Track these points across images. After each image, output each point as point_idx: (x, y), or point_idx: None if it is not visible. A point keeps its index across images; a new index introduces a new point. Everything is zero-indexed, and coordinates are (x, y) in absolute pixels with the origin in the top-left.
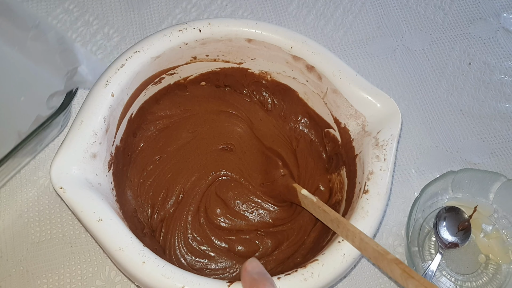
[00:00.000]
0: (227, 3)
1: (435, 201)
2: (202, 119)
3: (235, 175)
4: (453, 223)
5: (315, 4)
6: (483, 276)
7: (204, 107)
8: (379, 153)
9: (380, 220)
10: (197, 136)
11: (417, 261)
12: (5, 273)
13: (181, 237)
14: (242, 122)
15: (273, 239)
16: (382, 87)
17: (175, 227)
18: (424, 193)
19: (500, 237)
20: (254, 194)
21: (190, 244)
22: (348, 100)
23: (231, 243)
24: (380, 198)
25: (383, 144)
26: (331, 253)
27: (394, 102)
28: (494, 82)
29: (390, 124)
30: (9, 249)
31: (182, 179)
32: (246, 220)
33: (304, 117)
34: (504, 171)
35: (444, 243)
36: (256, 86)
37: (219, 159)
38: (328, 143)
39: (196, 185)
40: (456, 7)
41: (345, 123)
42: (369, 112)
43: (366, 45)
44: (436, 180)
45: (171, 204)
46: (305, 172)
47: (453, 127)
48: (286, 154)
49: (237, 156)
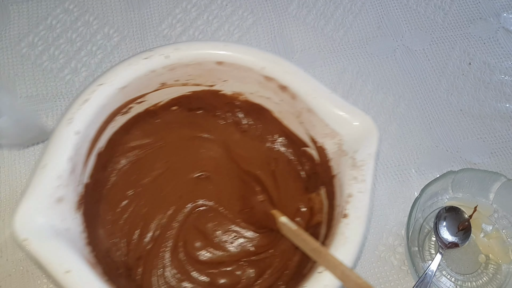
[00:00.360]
0: (227, 3)
1: (435, 201)
2: (175, 146)
3: (213, 204)
4: (453, 223)
5: (315, 4)
6: (483, 276)
7: (177, 134)
8: (357, 174)
9: (361, 245)
10: (171, 165)
11: (417, 261)
12: (5, 273)
13: (160, 275)
14: (217, 146)
15: (256, 268)
16: (382, 87)
17: (153, 265)
18: (424, 193)
19: (500, 237)
20: (233, 222)
21: (170, 282)
22: (323, 119)
23: (213, 277)
24: (360, 222)
25: (361, 164)
26: (312, 286)
27: (371, 120)
28: (494, 82)
29: (367, 142)
30: (9, 249)
31: (158, 213)
32: (227, 251)
33: (281, 136)
34: (504, 171)
35: (444, 243)
36: (230, 107)
37: (196, 189)
38: (306, 162)
39: (173, 218)
40: (456, 7)
41: (322, 142)
42: (345, 131)
43: (366, 45)
44: (436, 180)
45: (148, 240)
46: (285, 193)
47: (453, 127)
48: (264, 176)
49: (214, 184)
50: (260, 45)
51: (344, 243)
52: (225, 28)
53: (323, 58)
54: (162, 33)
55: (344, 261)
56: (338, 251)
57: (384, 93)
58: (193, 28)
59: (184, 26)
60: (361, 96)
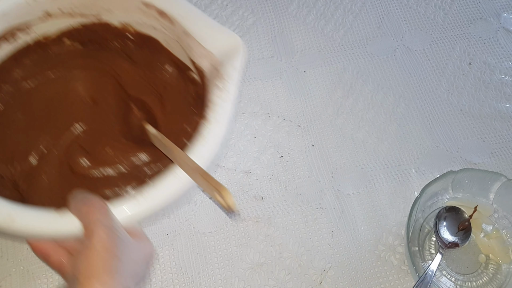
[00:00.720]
0: (227, 3)
1: (435, 201)
2: (65, 77)
3: (97, 126)
4: (453, 223)
5: (316, 4)
6: (483, 276)
7: (68, 65)
8: (220, 84)
9: (218, 146)
10: (59, 94)
11: (417, 261)
12: (5, 273)
13: (45, 189)
14: (107, 76)
15: (136, 181)
16: (382, 87)
17: (38, 181)
18: (424, 193)
19: (500, 237)
20: (116, 140)
21: (54, 197)
22: (198, 40)
23: (96, 191)
24: (220, 125)
25: (226, 76)
26: (165, 177)
27: (238, 38)
28: (494, 82)
29: (234, 57)
30: (9, 249)
31: (44, 133)
32: (112, 165)
33: (169, 64)
34: (504, 171)
35: (444, 243)
36: (120, 39)
37: (82, 113)
38: (191, 85)
39: (58, 137)
40: (457, 7)
41: (200, 63)
42: (216, 50)
43: (366, 45)
44: (436, 180)
45: (33, 158)
46: (173, 117)
47: (453, 127)
48: (152, 101)
49: (100, 108)
50: (261, 45)
51: (203, 144)
52: None
53: (323, 58)
54: None
55: (201, 161)
56: (195, 149)
57: (384, 93)
58: None
59: None
60: (361, 96)
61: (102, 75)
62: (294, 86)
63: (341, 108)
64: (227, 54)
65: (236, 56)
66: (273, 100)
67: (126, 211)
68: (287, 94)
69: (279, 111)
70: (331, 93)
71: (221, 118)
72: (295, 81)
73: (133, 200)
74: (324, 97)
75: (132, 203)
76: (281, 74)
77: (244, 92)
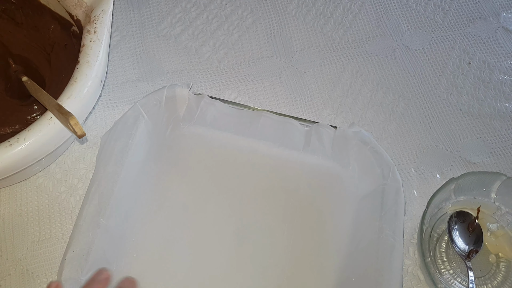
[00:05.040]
0: (226, 2)
1: (440, 208)
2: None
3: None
4: (463, 229)
5: (315, 3)
6: (497, 276)
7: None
8: (90, 28)
9: (88, 85)
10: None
11: (433, 271)
12: (4, 272)
13: None
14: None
15: None
16: (381, 86)
17: None
18: (430, 205)
19: (506, 234)
20: (3, 99)
21: None
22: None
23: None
24: (89, 65)
25: (95, 20)
26: (38, 121)
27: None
28: (493, 81)
29: (104, 2)
30: (9, 248)
31: None
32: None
33: (52, 23)
34: (504, 170)
35: (466, 254)
36: (3, 2)
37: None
38: (75, 40)
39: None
40: (456, 7)
41: (76, 14)
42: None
43: (365, 44)
44: (440, 190)
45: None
46: (62, 74)
47: (453, 126)
48: (37, 60)
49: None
50: (260, 45)
51: (73, 84)
52: (225, 28)
53: (323, 57)
54: (162, 33)
55: (68, 99)
56: (66, 91)
57: (383, 93)
58: (192, 28)
59: (183, 25)
60: (360, 95)
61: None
62: (294, 86)
63: (340, 107)
64: (97, 1)
65: (106, 1)
66: (272, 99)
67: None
68: (287, 93)
69: (278, 111)
70: (331, 92)
71: (91, 59)
72: (295, 81)
73: (6, 144)
74: (323, 97)
75: (5, 147)
76: (281, 73)
77: (244, 92)
